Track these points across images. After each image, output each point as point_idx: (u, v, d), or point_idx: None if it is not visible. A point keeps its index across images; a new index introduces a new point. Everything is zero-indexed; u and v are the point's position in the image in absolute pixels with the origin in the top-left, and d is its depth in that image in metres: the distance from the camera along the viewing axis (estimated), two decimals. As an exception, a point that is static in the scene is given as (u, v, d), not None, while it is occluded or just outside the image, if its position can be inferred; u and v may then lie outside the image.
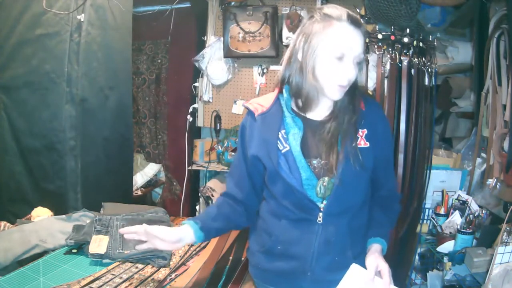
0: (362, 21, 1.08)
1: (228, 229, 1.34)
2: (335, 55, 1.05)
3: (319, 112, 1.16)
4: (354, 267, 1.11)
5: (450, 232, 1.92)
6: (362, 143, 1.13)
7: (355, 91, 1.14)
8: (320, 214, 1.12)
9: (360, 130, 1.13)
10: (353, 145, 1.10)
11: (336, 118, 1.13)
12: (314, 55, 1.07)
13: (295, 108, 1.17)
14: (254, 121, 1.18)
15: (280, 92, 1.19)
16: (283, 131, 1.14)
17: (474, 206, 1.99)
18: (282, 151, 1.12)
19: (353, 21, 1.05)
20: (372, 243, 1.18)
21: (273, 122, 1.15)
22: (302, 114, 1.16)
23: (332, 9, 1.07)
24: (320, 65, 1.07)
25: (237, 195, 1.24)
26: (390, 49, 1.93)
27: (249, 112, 1.20)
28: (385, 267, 1.09)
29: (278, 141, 1.13)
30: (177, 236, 1.16)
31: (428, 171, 2.12)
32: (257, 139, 1.16)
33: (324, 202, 1.11)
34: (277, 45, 2.73)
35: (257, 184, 1.23)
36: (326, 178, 1.10)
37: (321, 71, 1.08)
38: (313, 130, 1.14)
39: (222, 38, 2.83)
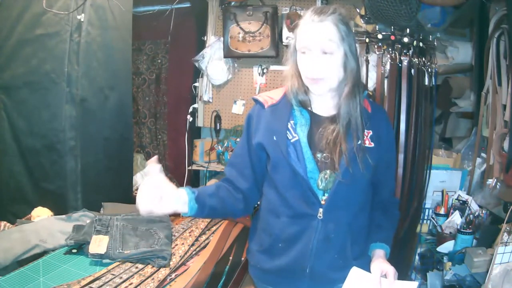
0: (329, 11, 1.09)
1: (222, 213, 1.32)
2: (301, 50, 1.12)
3: (325, 108, 1.19)
4: (355, 270, 1.12)
5: (450, 232, 1.92)
6: (367, 142, 1.15)
7: (354, 85, 1.14)
8: (321, 209, 1.12)
9: (365, 130, 1.16)
10: (359, 142, 1.12)
11: (342, 115, 1.15)
12: (291, 50, 1.17)
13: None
14: (262, 112, 1.20)
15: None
16: (292, 122, 1.17)
17: (474, 206, 1.99)
18: (291, 140, 1.14)
19: (315, 13, 1.10)
20: (375, 248, 1.20)
21: (282, 113, 1.18)
22: (309, 108, 1.19)
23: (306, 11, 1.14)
24: (298, 60, 1.15)
25: (238, 184, 1.21)
26: (390, 49, 1.93)
27: (258, 103, 1.22)
28: (390, 269, 1.12)
29: (288, 131, 1.15)
30: (175, 194, 1.08)
31: (428, 171, 2.12)
32: (264, 128, 1.18)
33: (326, 195, 1.12)
34: (277, 45, 2.72)
35: (258, 175, 1.23)
36: (328, 171, 1.12)
37: (299, 66, 1.15)
38: (319, 125, 1.16)
39: (222, 38, 2.83)
